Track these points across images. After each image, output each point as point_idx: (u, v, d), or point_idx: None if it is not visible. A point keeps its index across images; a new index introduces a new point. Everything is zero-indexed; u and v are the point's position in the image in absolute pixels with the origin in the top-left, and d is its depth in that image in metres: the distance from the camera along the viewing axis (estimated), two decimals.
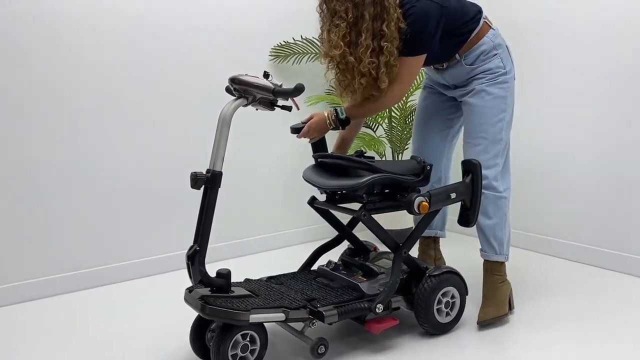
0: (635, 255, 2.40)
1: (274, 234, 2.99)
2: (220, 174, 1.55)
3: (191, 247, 1.52)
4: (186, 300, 1.55)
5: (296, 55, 2.92)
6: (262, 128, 2.90)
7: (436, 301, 1.79)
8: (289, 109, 1.70)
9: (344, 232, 1.97)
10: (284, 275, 1.90)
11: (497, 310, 1.88)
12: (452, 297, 1.84)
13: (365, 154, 1.93)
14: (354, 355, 1.68)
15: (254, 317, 1.49)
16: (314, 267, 2.01)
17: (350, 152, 2.70)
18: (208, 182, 1.54)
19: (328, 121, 1.84)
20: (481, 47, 1.87)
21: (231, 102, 1.60)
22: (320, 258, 2.01)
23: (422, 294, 1.76)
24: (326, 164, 1.87)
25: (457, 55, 1.90)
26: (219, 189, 1.55)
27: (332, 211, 1.90)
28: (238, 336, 1.51)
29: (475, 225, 1.87)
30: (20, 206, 2.24)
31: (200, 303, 1.47)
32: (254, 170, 2.89)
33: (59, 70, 2.29)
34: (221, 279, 1.55)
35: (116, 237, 2.49)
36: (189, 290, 1.55)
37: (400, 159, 3.04)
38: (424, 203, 1.71)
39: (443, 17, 1.77)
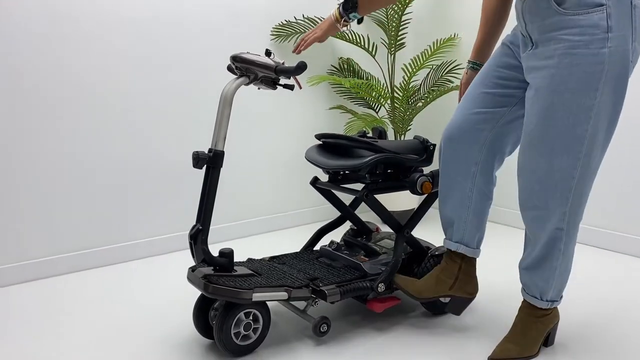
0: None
1: (275, 215, 2.99)
2: (222, 153, 1.55)
3: (194, 227, 1.53)
4: (189, 279, 1.56)
5: (298, 35, 2.88)
6: (264, 108, 2.89)
7: None
8: (291, 87, 1.68)
9: (346, 212, 1.97)
10: (286, 255, 1.90)
11: (519, 349, 1.53)
12: None
13: (367, 135, 1.92)
14: (356, 334, 1.69)
15: (257, 296, 1.50)
16: (317, 247, 2.01)
17: (353, 133, 2.69)
18: (210, 162, 1.53)
19: (334, 13, 1.55)
20: None
21: (232, 81, 1.58)
22: (322, 238, 2.01)
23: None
24: (329, 144, 1.86)
25: None
26: (221, 168, 1.54)
27: (335, 192, 1.89)
28: (241, 314, 1.52)
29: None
30: (25, 186, 2.24)
31: (203, 282, 1.47)
32: (256, 151, 2.88)
33: (67, 53, 2.27)
34: (224, 258, 1.55)
35: (119, 217, 2.50)
36: (192, 269, 1.56)
37: (402, 140, 3.03)
38: (427, 183, 1.70)
39: None
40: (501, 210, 2.98)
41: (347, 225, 2.87)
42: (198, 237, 1.51)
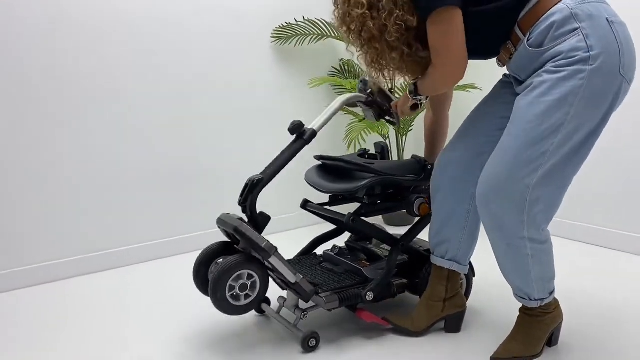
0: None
1: (278, 217, 2.99)
2: (315, 133, 1.65)
3: (257, 175, 1.60)
4: (221, 219, 1.60)
5: (298, 37, 2.88)
6: (266, 109, 2.89)
7: None
8: (393, 123, 1.78)
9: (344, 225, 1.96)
10: (289, 260, 1.89)
11: (521, 348, 1.52)
12: None
13: (368, 152, 1.93)
14: (347, 342, 1.67)
15: (274, 260, 1.51)
16: (320, 251, 2.01)
17: (355, 134, 2.69)
18: (302, 134, 1.64)
19: (408, 91, 1.62)
20: (551, 19, 1.29)
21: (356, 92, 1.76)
22: (318, 248, 2.01)
23: (425, 279, 1.75)
24: (327, 166, 1.87)
25: (518, 31, 1.36)
26: (304, 145, 1.66)
27: (329, 204, 1.91)
28: (243, 272, 1.52)
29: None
30: (27, 190, 2.25)
31: (238, 221, 1.53)
32: (257, 152, 2.89)
33: (68, 55, 2.28)
34: (262, 217, 1.61)
35: (121, 221, 2.51)
36: (226, 214, 1.62)
37: (404, 141, 3.03)
38: (424, 205, 1.70)
39: None
40: None
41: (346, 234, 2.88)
42: (257, 186, 1.58)
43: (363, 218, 1.73)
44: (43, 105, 2.26)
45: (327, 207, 1.87)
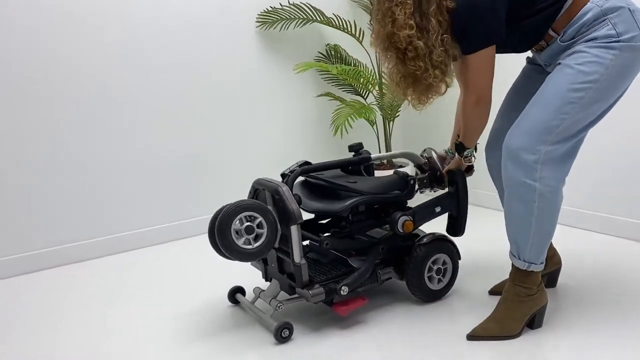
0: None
1: None
2: (369, 158, 1.84)
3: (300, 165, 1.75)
4: (260, 180, 1.67)
5: (284, 21, 2.85)
6: (252, 96, 2.87)
7: (426, 269, 1.79)
8: (441, 188, 1.86)
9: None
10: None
11: (499, 328, 1.56)
12: (444, 263, 1.84)
13: (361, 151, 1.91)
14: (321, 332, 1.67)
15: (295, 229, 1.56)
16: (306, 242, 2.00)
17: (342, 120, 2.67)
18: (357, 154, 1.84)
19: (457, 154, 1.73)
20: (584, 18, 1.42)
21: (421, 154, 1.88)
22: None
23: (411, 264, 1.76)
24: (311, 184, 1.87)
25: (552, 32, 1.49)
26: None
27: (308, 214, 1.91)
28: (244, 215, 1.52)
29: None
30: (23, 179, 2.24)
31: (281, 183, 1.61)
32: (243, 139, 2.88)
33: (62, 49, 2.25)
34: (297, 196, 1.64)
35: (114, 209, 2.51)
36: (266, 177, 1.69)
37: (391, 126, 3.01)
38: (407, 222, 1.70)
39: None
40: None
41: None
42: (301, 167, 1.69)
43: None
44: (44, 102, 2.26)
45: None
